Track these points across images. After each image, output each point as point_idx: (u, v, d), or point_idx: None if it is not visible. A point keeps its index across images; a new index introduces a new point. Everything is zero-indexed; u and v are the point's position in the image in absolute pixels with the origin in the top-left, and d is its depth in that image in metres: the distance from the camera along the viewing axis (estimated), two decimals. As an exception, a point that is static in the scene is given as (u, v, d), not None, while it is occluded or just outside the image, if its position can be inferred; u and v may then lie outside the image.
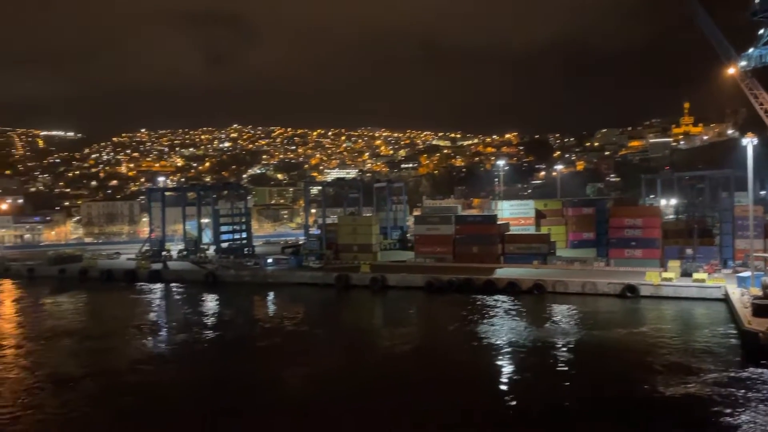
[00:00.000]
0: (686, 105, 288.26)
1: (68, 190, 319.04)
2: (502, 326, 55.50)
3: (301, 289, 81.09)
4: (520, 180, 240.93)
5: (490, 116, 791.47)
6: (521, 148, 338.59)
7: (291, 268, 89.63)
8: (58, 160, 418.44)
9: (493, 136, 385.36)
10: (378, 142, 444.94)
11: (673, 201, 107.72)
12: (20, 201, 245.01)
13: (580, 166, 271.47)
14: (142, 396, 38.04)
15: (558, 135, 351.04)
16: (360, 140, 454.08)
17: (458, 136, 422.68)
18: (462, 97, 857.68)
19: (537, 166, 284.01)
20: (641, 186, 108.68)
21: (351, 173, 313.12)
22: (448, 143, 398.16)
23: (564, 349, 47.05)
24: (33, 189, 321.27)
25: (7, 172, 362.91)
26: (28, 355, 50.08)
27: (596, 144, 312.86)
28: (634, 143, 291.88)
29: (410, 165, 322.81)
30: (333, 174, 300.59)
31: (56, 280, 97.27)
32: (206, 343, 53.90)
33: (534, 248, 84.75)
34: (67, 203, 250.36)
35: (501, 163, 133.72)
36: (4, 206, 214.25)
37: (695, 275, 66.38)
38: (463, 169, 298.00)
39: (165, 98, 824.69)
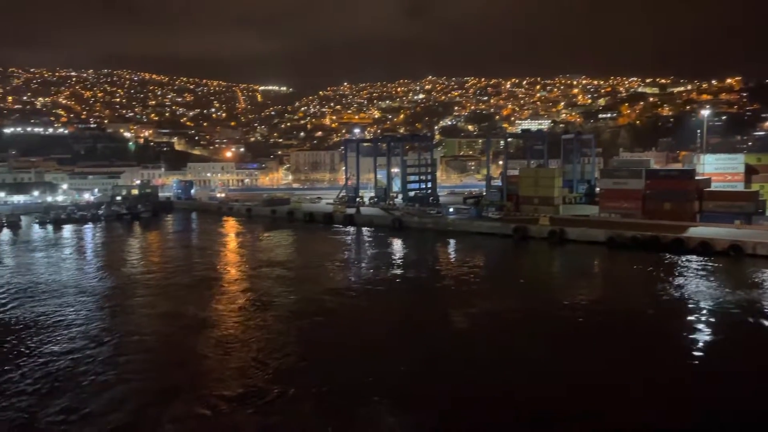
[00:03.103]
0: None
1: (281, 140, 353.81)
2: (691, 287, 52.25)
3: (479, 238, 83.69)
4: (741, 131, 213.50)
5: (709, 59, 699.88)
6: (744, 94, 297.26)
7: (471, 217, 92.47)
8: (273, 113, 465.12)
9: (712, 82, 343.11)
10: (575, 90, 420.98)
11: None
12: (242, 149, 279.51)
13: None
14: (325, 321, 44.03)
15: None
16: (555, 89, 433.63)
17: (669, 82, 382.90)
18: (677, 38, 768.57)
19: (763, 116, 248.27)
20: None
21: (543, 124, 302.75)
22: (656, 90, 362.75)
23: (758, 316, 43.77)
24: (252, 139, 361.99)
25: (232, 123, 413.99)
26: (243, 280, 59.99)
27: None
28: None
29: (609, 115, 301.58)
30: (524, 125, 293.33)
31: (269, 219, 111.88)
32: (389, 280, 58.92)
33: (737, 207, 77.11)
34: (279, 152, 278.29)
35: (706, 112, 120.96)
36: (229, 154, 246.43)
37: None
38: (671, 119, 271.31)
39: (367, 52, 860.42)
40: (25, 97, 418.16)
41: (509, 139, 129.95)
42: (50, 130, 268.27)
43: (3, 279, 59.68)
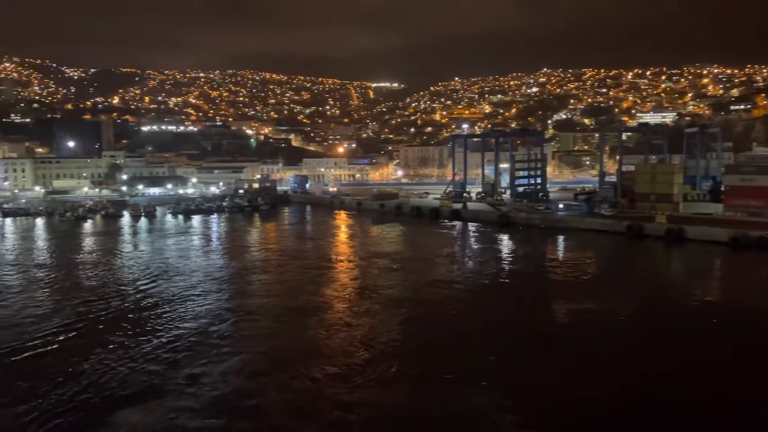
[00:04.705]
0: None
1: (391, 135, 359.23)
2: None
3: (589, 235, 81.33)
4: None
5: None
6: None
7: (581, 214, 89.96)
8: (384, 109, 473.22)
9: None
10: (705, 80, 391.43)
11: None
12: (353, 145, 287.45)
13: None
14: (428, 311, 45.30)
15: None
16: (682, 79, 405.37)
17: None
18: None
19: None
20: None
21: (667, 117, 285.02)
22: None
23: None
24: (364, 135, 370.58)
25: (345, 120, 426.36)
26: (352, 269, 62.90)
27: None
28: None
29: (742, 106, 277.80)
30: (646, 118, 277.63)
31: (377, 212, 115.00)
32: (493, 274, 59.05)
33: None
34: (389, 148, 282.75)
35: None
36: (341, 149, 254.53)
37: None
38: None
39: (479, 46, 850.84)
40: (159, 98, 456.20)
41: (628, 133, 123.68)
42: (181, 128, 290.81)
43: (141, 261, 66.74)
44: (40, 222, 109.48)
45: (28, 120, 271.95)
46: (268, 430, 26.33)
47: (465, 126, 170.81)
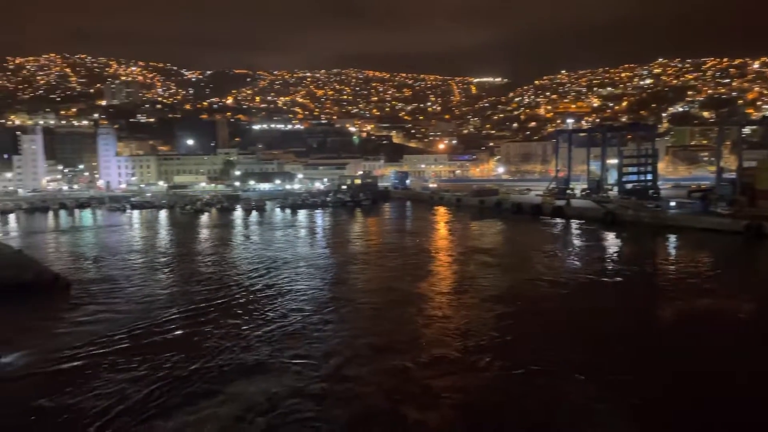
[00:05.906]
0: None
1: (493, 131, 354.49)
2: None
3: (703, 234, 76.87)
4: None
5: None
6: None
7: (695, 212, 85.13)
8: (486, 104, 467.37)
9: None
10: None
11: None
12: (454, 142, 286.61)
13: None
14: (525, 307, 45.19)
15: None
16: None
17: None
18: None
19: None
20: None
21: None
22: None
23: None
24: (465, 131, 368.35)
25: (447, 116, 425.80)
26: (450, 264, 63.80)
27: None
28: None
29: None
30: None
31: (476, 209, 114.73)
32: (596, 273, 57.21)
33: None
34: (491, 143, 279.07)
35: None
36: (442, 146, 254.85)
37: None
38: None
39: (587, 37, 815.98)
40: (269, 97, 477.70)
41: (753, 127, 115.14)
42: (289, 126, 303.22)
43: (253, 252, 71.37)
44: (162, 214, 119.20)
45: (152, 120, 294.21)
46: (363, 407, 27.95)
47: (570, 120, 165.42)
